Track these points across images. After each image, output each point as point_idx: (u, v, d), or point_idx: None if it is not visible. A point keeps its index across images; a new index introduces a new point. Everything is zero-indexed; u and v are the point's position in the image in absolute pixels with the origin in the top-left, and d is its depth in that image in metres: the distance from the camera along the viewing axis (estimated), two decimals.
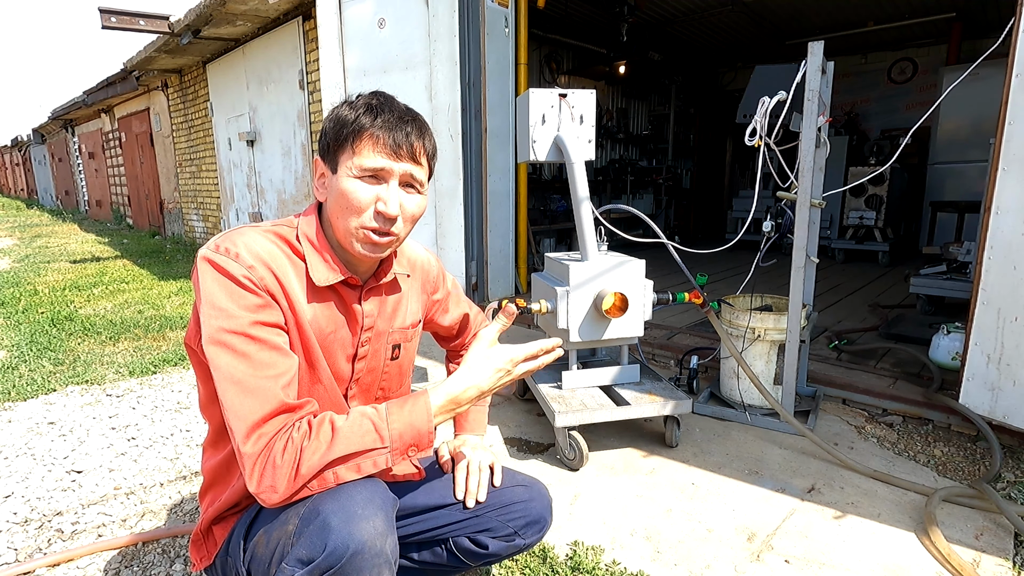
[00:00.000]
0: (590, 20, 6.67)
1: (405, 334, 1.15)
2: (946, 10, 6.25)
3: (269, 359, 0.88)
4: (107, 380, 2.93)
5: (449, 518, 1.12)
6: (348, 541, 0.81)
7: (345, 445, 0.86)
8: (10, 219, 14.66)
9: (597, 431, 2.24)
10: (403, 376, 1.20)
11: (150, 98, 8.97)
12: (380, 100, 0.96)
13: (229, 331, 0.86)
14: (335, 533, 0.81)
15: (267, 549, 0.89)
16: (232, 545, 0.98)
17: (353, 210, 0.94)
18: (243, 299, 0.88)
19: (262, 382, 0.86)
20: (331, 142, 0.95)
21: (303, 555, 0.82)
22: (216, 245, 0.92)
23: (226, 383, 0.86)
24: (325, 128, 0.97)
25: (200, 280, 0.90)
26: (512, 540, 1.12)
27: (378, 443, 0.87)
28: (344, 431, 0.87)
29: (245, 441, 0.84)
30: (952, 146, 5.81)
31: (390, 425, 0.89)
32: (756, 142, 2.03)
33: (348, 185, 0.93)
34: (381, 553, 0.83)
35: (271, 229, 0.99)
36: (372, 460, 0.87)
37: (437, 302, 1.27)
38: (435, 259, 1.27)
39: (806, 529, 1.63)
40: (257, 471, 0.84)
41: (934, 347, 2.62)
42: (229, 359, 0.86)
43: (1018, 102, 1.82)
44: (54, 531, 1.69)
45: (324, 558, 0.80)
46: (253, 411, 0.84)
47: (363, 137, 0.92)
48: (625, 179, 7.87)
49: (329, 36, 4.21)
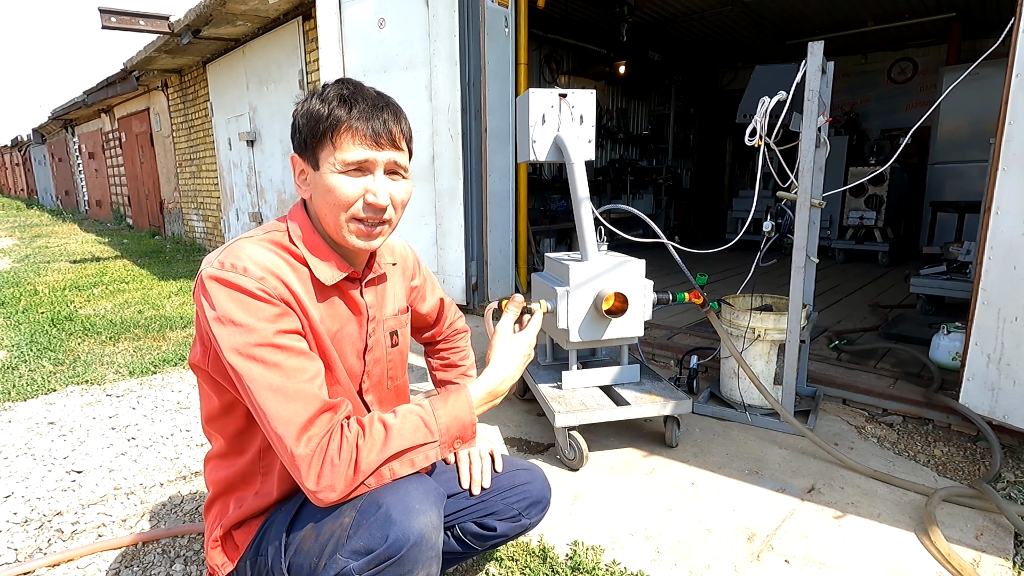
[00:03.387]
0: (590, 20, 6.67)
1: (399, 320, 1.17)
2: (946, 10, 6.25)
3: (299, 364, 0.89)
4: (107, 380, 2.93)
5: (456, 506, 1.16)
6: (409, 533, 0.85)
7: (400, 441, 0.89)
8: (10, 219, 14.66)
9: (597, 431, 2.24)
10: (404, 363, 1.23)
11: (150, 98, 8.97)
12: (351, 89, 0.94)
13: (255, 344, 0.87)
14: (396, 525, 0.85)
15: (317, 543, 0.90)
16: (266, 545, 0.99)
17: (342, 205, 0.94)
18: (261, 311, 0.88)
19: (300, 386, 0.88)
20: (307, 138, 0.94)
21: (361, 546, 0.85)
22: (220, 263, 0.90)
23: (265, 393, 0.87)
24: (298, 124, 0.96)
25: (212, 299, 0.89)
26: (518, 520, 1.18)
27: (429, 437, 0.92)
28: (396, 428, 0.90)
29: (296, 444, 0.85)
30: (952, 146, 5.81)
31: (438, 420, 0.93)
32: (756, 142, 2.03)
33: (333, 181, 0.93)
34: (435, 546, 0.89)
35: (265, 238, 0.98)
36: (424, 454, 0.91)
37: (415, 288, 1.28)
38: (409, 246, 1.29)
39: (806, 529, 1.63)
40: (314, 471, 0.85)
41: (934, 347, 2.62)
42: (262, 371, 0.87)
43: (1018, 102, 1.82)
44: (54, 531, 1.69)
45: (385, 548, 0.84)
46: (299, 415, 0.86)
47: (341, 131, 0.91)
48: (625, 179, 7.87)
49: (329, 36, 4.21)
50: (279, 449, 0.88)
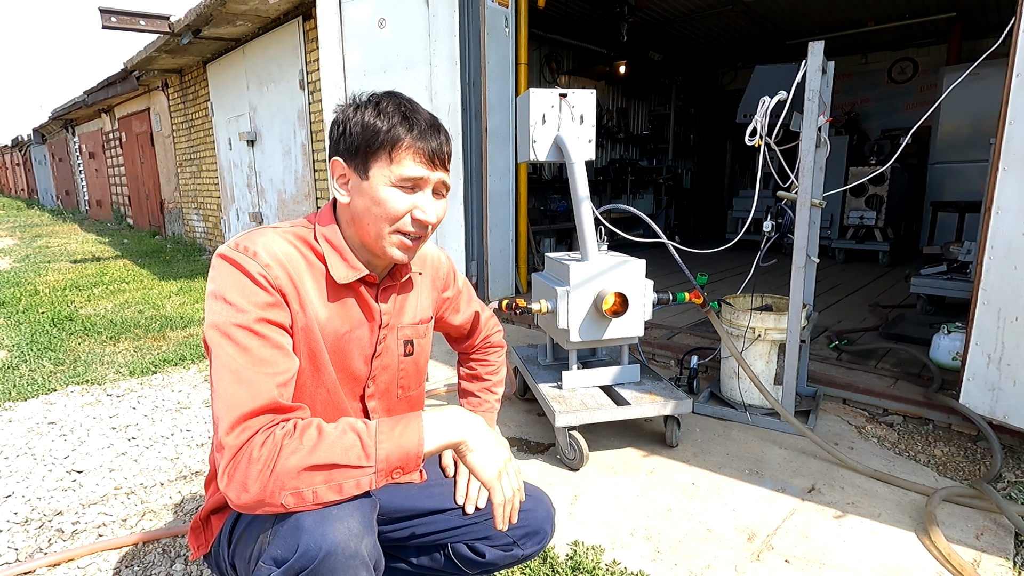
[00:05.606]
0: (590, 20, 6.67)
1: (416, 330, 1.15)
2: (946, 10, 6.25)
3: (270, 356, 0.88)
4: (107, 380, 2.93)
5: (448, 523, 1.11)
6: (321, 542, 0.79)
7: (327, 452, 0.81)
8: (10, 219, 14.66)
9: (597, 431, 2.24)
10: (420, 374, 1.20)
11: (150, 98, 8.97)
12: (409, 107, 0.96)
13: (235, 324, 0.87)
14: (307, 533, 0.80)
15: (248, 545, 0.89)
16: (223, 537, 0.99)
17: (389, 218, 0.95)
18: (255, 295, 0.89)
19: (259, 377, 0.85)
20: (361, 147, 0.95)
21: (277, 554, 0.81)
22: (236, 244, 0.93)
23: (222, 371, 0.85)
24: (351, 131, 0.96)
25: (216, 275, 0.91)
26: (510, 550, 1.11)
27: (362, 460, 0.82)
28: (330, 438, 0.82)
29: (229, 431, 0.81)
30: (952, 146, 5.81)
31: (378, 444, 0.83)
32: (756, 142, 2.03)
33: (386, 194, 0.94)
34: (356, 555, 0.82)
35: (290, 231, 0.99)
36: (355, 480, 0.82)
37: (447, 300, 1.26)
38: (445, 256, 1.27)
39: (806, 529, 1.63)
40: (231, 466, 0.80)
41: (934, 347, 2.62)
42: (231, 349, 0.86)
43: (1018, 102, 1.82)
44: (54, 531, 1.69)
45: (296, 559, 0.79)
46: (243, 403, 0.82)
47: (401, 147, 0.93)
48: (625, 179, 7.86)
49: (329, 36, 4.22)
50: (215, 432, 0.84)
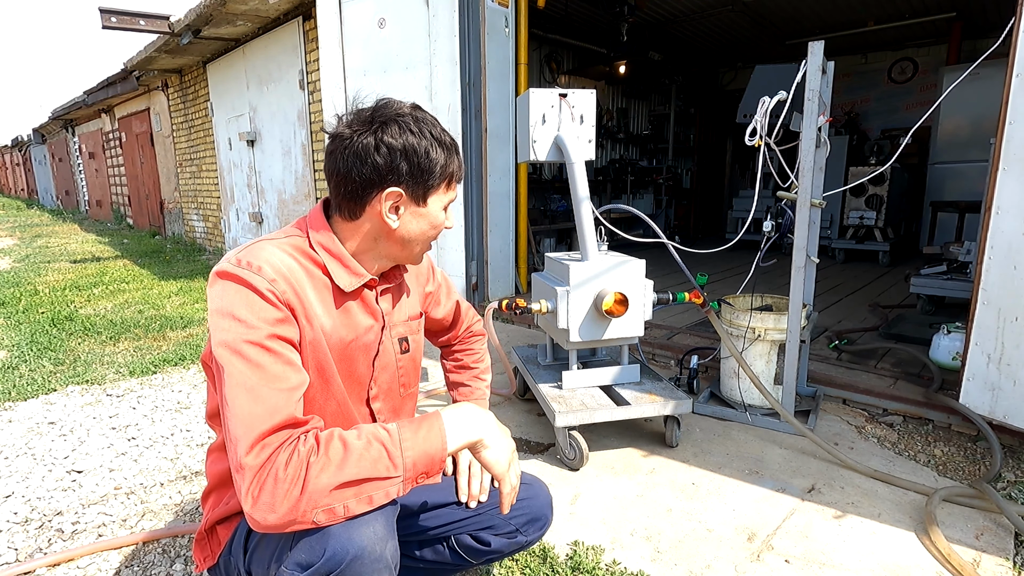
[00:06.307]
0: (590, 20, 6.67)
1: (410, 326, 1.17)
2: (946, 10, 6.25)
3: (282, 372, 0.87)
4: (107, 380, 2.93)
5: (451, 516, 1.14)
6: (348, 546, 0.80)
7: (358, 468, 0.80)
8: (10, 219, 14.65)
9: (597, 431, 2.24)
10: (417, 370, 1.23)
11: (150, 98, 8.96)
12: (451, 138, 1.04)
13: (246, 340, 0.85)
14: (334, 538, 0.80)
15: (267, 551, 0.89)
16: (235, 544, 0.99)
17: (433, 236, 1.06)
18: (264, 311, 0.88)
19: (274, 393, 0.84)
20: (423, 177, 0.98)
21: (302, 559, 0.81)
22: (238, 260, 0.91)
23: (237, 389, 0.83)
24: (419, 163, 0.96)
25: (221, 293, 0.89)
26: (514, 537, 1.15)
27: (391, 471, 0.83)
28: (357, 451, 0.82)
29: (248, 451, 0.79)
30: (952, 146, 5.81)
31: (403, 452, 0.84)
32: (756, 142, 2.03)
33: (440, 218, 1.04)
34: (381, 558, 0.83)
35: (286, 241, 0.99)
36: (385, 491, 0.83)
37: (430, 294, 1.29)
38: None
39: (806, 529, 1.63)
40: (256, 486, 0.77)
41: (934, 347, 2.62)
42: (243, 367, 0.84)
43: (1018, 102, 1.82)
44: (54, 531, 1.69)
45: (323, 563, 0.80)
46: (261, 420, 0.81)
47: (454, 178, 1.04)
48: (625, 179, 7.87)
49: (329, 36, 4.21)
50: (231, 453, 0.82)
